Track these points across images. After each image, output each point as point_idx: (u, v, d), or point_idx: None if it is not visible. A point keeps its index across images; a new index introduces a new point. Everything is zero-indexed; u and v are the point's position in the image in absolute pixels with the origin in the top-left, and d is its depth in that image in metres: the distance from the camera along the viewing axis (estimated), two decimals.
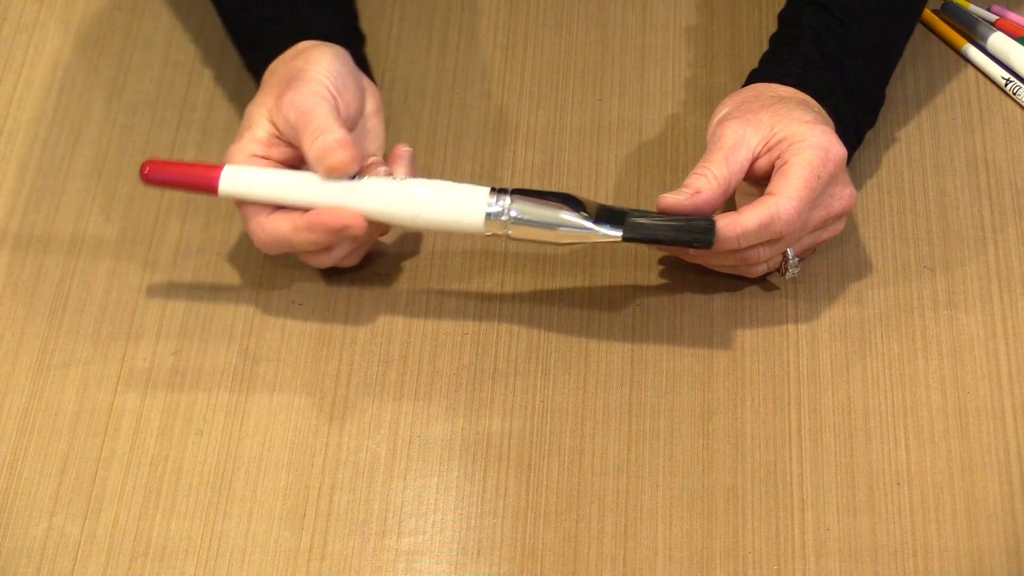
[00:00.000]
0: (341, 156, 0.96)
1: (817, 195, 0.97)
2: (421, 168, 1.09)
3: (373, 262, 1.04)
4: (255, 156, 0.98)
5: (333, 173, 0.96)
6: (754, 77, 1.04)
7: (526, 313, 1.02)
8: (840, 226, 1.02)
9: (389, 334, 1.02)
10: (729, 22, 1.16)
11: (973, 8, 1.16)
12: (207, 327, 1.02)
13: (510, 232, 0.96)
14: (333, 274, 1.04)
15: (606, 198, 1.07)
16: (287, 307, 1.03)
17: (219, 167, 0.97)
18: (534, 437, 0.97)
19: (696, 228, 0.95)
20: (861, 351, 1.00)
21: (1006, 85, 1.12)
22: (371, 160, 0.99)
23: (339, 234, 0.96)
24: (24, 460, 0.97)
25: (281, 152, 0.99)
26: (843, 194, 0.99)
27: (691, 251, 1.00)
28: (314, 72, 0.98)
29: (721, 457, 0.96)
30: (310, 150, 0.96)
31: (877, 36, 1.04)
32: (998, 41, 1.13)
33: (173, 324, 1.02)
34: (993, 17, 1.15)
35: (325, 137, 0.96)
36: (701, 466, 0.96)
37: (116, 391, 1.00)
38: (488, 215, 0.96)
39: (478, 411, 0.99)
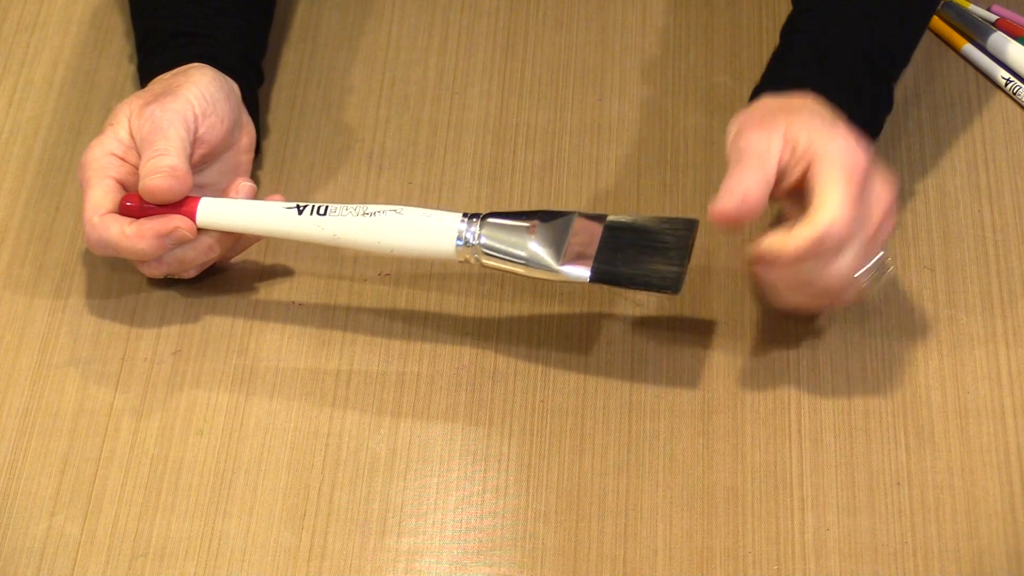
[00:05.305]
0: (159, 180, 0.96)
1: (861, 196, 0.92)
2: (421, 169, 1.09)
3: (373, 261, 1.04)
4: (114, 155, 0.99)
5: (146, 193, 0.97)
6: (757, 92, 1.01)
7: (526, 313, 1.02)
8: (895, 218, 0.96)
9: (389, 334, 1.02)
10: (729, 22, 1.16)
11: (973, 8, 1.16)
12: (207, 327, 1.02)
13: (483, 261, 0.96)
14: (333, 274, 1.04)
15: (606, 198, 1.07)
16: (287, 307, 1.03)
17: (196, 199, 0.98)
18: (534, 437, 0.97)
19: (664, 275, 0.94)
20: (861, 351, 1.00)
21: (1006, 85, 1.12)
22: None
23: (169, 237, 0.97)
24: (24, 460, 0.97)
25: (136, 158, 0.99)
26: (882, 191, 0.94)
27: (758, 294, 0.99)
28: (185, 91, 0.99)
29: (721, 457, 0.96)
30: (143, 166, 0.97)
31: (880, 38, 1.01)
32: (998, 41, 1.13)
33: (173, 324, 1.02)
34: (993, 17, 1.15)
35: (160, 160, 0.97)
36: (701, 466, 0.96)
37: (116, 391, 1.00)
38: (458, 244, 0.96)
39: (478, 411, 0.99)
